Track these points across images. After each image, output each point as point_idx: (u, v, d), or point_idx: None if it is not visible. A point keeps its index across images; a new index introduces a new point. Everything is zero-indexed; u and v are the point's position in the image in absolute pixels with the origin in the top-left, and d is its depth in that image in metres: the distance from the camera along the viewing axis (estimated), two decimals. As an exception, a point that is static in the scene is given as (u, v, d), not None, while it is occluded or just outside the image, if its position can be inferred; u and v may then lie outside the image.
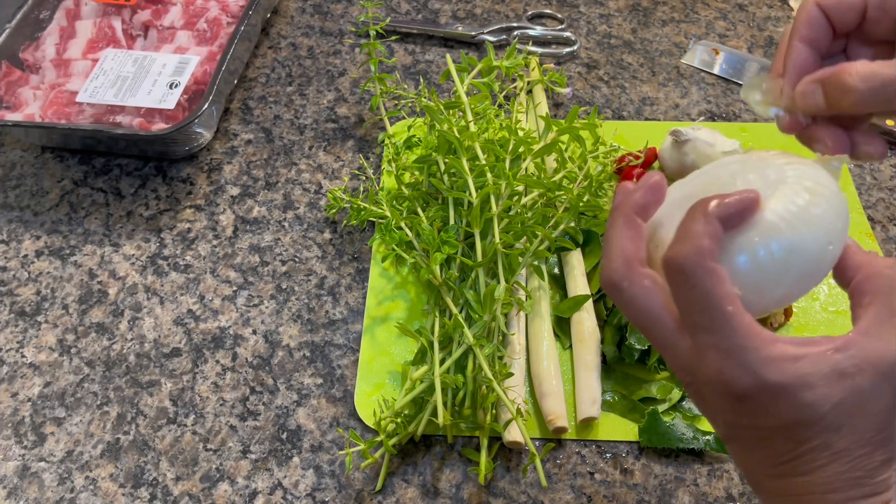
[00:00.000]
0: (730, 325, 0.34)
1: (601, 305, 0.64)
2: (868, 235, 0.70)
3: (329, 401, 0.62)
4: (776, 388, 0.33)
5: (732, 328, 0.34)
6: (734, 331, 0.34)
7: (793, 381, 0.33)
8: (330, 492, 0.57)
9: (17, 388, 0.63)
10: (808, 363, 0.33)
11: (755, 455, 0.37)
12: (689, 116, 0.81)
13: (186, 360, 0.64)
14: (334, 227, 0.73)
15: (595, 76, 0.85)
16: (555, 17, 0.92)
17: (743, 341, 0.34)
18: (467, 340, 0.55)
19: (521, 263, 0.61)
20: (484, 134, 0.69)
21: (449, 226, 0.63)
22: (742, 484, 0.56)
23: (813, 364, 0.33)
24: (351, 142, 0.80)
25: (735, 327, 0.34)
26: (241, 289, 0.68)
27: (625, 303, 0.37)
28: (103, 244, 0.72)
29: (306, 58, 0.88)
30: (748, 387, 0.34)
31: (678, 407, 0.60)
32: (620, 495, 0.56)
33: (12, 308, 0.68)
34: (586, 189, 0.66)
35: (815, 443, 0.34)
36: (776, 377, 0.33)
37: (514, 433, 0.56)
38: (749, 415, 0.35)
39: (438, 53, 0.88)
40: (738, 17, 0.92)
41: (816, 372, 0.33)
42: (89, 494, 0.57)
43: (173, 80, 0.75)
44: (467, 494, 0.56)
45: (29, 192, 0.76)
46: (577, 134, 0.65)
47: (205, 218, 0.74)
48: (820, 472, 0.35)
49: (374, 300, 0.67)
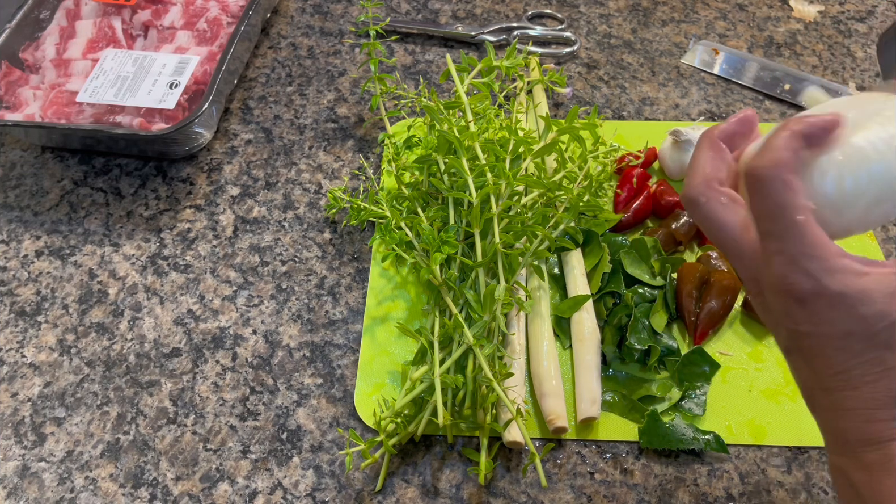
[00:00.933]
0: (798, 233, 0.36)
1: (601, 305, 0.64)
2: (868, 236, 0.70)
3: (329, 401, 0.62)
4: (835, 297, 0.36)
5: (800, 236, 0.36)
6: (801, 239, 0.36)
7: (853, 292, 0.35)
8: (330, 492, 0.57)
9: (17, 388, 0.63)
10: (871, 280, 0.35)
11: (812, 365, 0.39)
12: (689, 116, 0.81)
13: (186, 360, 0.64)
14: (334, 227, 0.73)
15: (595, 76, 0.85)
16: (555, 17, 0.92)
17: (809, 249, 0.36)
18: (467, 340, 0.55)
19: (521, 263, 0.61)
20: (484, 134, 0.69)
21: (449, 226, 0.63)
22: (742, 484, 0.56)
23: (875, 282, 0.35)
24: (351, 142, 0.80)
25: (803, 235, 0.36)
26: (241, 289, 0.68)
27: (701, 218, 0.40)
28: (103, 244, 0.72)
29: (306, 58, 0.88)
30: (809, 292, 0.36)
31: (678, 407, 0.60)
32: (620, 495, 0.56)
33: (12, 308, 0.68)
34: (586, 189, 0.66)
35: (868, 356, 0.36)
36: (837, 286, 0.36)
37: (514, 433, 0.56)
38: (807, 321, 0.37)
39: (438, 53, 0.88)
40: (738, 17, 0.92)
41: (876, 289, 0.35)
42: (89, 494, 0.57)
43: (173, 80, 0.75)
44: (467, 494, 0.56)
45: (29, 192, 0.76)
46: (577, 134, 0.65)
47: (205, 218, 0.74)
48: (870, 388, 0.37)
49: (374, 300, 0.67)
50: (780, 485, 0.56)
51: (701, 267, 0.64)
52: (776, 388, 0.61)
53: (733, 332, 0.64)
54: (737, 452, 0.58)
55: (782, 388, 0.61)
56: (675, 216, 0.68)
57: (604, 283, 0.64)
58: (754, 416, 0.59)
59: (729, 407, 0.60)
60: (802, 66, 0.86)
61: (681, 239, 0.67)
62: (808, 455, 0.58)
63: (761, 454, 0.58)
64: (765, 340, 0.63)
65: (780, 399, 0.60)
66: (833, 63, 0.86)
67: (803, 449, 0.58)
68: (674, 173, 0.73)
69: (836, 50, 0.88)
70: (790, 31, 0.90)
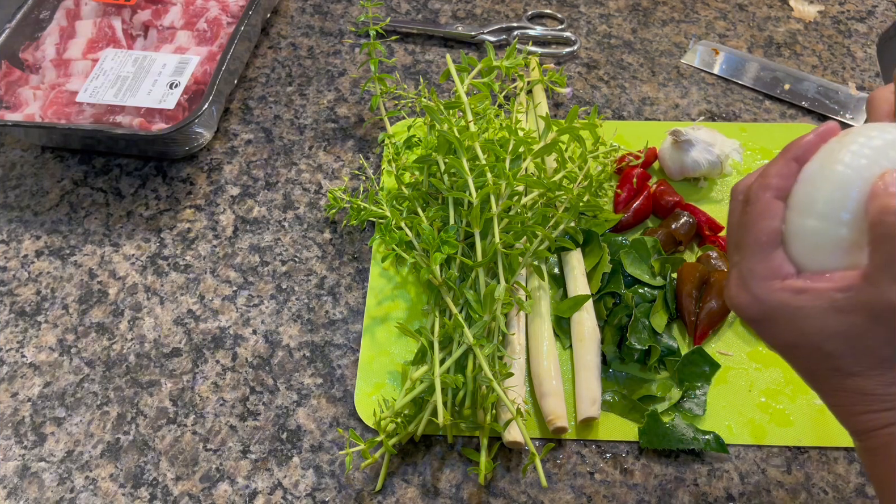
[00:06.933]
0: (756, 251, 0.39)
1: (601, 305, 0.64)
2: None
3: (329, 401, 0.62)
4: (774, 314, 0.38)
5: (756, 254, 0.39)
6: (756, 256, 0.39)
7: (789, 310, 0.38)
8: (330, 492, 0.57)
9: (17, 388, 0.63)
10: (807, 297, 0.37)
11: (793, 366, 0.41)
12: (689, 116, 0.81)
13: (186, 360, 0.64)
14: (334, 227, 0.73)
15: (595, 76, 0.85)
16: (555, 17, 0.92)
17: (757, 267, 0.39)
18: (467, 340, 0.55)
19: (521, 263, 0.61)
20: (484, 134, 0.69)
21: (449, 226, 0.63)
22: (742, 484, 0.56)
23: (812, 299, 0.37)
24: (351, 142, 0.80)
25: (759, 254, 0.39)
26: (241, 289, 0.68)
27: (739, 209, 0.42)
28: (103, 244, 0.72)
29: (306, 58, 0.88)
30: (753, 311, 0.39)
31: (678, 407, 0.60)
32: (620, 495, 0.56)
33: (12, 308, 0.68)
34: (586, 189, 0.66)
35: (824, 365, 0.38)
36: (774, 304, 0.38)
37: (514, 433, 0.56)
38: (762, 334, 0.40)
39: (438, 53, 0.88)
40: (738, 17, 0.92)
41: (812, 305, 0.37)
42: (89, 494, 0.57)
43: (173, 80, 0.75)
44: (467, 494, 0.56)
45: (29, 192, 0.76)
46: (577, 134, 0.65)
47: (205, 218, 0.74)
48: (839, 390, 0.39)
49: (374, 300, 0.67)
50: (780, 485, 0.56)
51: (701, 267, 0.64)
52: (776, 388, 0.61)
53: (733, 332, 0.64)
54: (737, 452, 0.58)
55: (782, 388, 0.61)
56: (675, 216, 0.68)
57: (604, 283, 0.64)
58: (754, 416, 0.59)
59: (729, 407, 0.60)
60: (802, 66, 0.86)
61: (681, 239, 0.67)
62: (808, 455, 0.58)
63: (761, 454, 0.58)
64: (765, 340, 0.63)
65: (780, 399, 0.60)
66: (833, 63, 0.86)
67: (803, 449, 0.58)
68: (674, 173, 0.73)
69: (836, 50, 0.88)
70: (790, 31, 0.90)
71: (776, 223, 0.39)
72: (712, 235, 0.69)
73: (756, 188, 0.39)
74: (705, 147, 0.71)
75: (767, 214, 0.39)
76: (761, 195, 0.39)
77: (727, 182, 0.74)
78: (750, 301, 0.39)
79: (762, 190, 0.39)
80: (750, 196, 0.40)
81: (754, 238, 0.39)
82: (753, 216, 0.39)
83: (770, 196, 0.39)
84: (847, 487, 0.56)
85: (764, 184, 0.39)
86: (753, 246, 0.39)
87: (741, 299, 0.39)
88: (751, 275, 0.39)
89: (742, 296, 0.39)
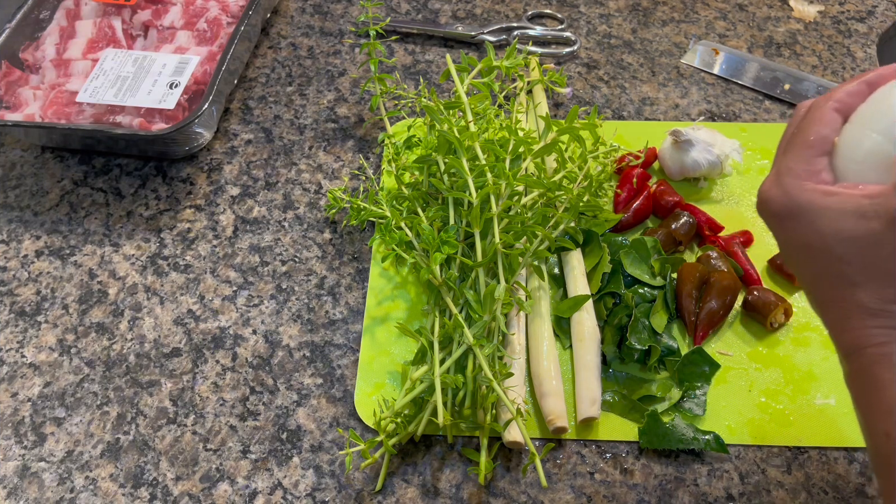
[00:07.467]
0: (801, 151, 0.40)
1: (601, 305, 0.64)
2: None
3: (329, 401, 0.62)
4: (797, 210, 0.39)
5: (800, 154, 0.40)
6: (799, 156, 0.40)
7: (814, 208, 0.39)
8: (330, 492, 0.57)
9: (17, 388, 0.63)
10: (834, 200, 0.38)
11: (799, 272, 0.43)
12: (689, 116, 0.81)
13: (186, 360, 0.64)
14: (334, 227, 0.73)
15: (595, 76, 0.85)
16: (555, 17, 0.92)
17: (797, 167, 0.40)
18: (467, 340, 0.55)
19: (521, 263, 0.61)
20: (484, 134, 0.69)
21: (449, 226, 0.63)
22: (742, 484, 0.56)
23: (838, 202, 0.38)
24: (351, 142, 0.80)
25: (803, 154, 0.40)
26: (241, 289, 0.68)
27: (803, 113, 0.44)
28: (103, 244, 0.72)
29: (306, 58, 0.88)
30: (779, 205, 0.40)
31: (678, 407, 0.60)
32: (620, 495, 0.56)
33: (12, 308, 0.68)
34: (586, 189, 0.66)
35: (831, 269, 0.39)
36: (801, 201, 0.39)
37: (514, 433, 0.56)
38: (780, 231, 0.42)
39: (438, 53, 0.88)
40: (738, 17, 0.92)
41: (837, 208, 0.38)
42: (89, 494, 0.57)
43: (173, 80, 0.75)
44: (467, 494, 0.56)
45: (29, 192, 0.76)
46: (577, 134, 0.65)
47: (205, 218, 0.74)
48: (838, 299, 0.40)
49: (374, 300, 0.67)
50: (780, 485, 0.56)
51: (701, 267, 0.64)
52: (776, 388, 0.61)
53: (733, 332, 0.64)
54: (737, 452, 0.58)
55: (782, 388, 0.61)
56: (675, 216, 0.68)
57: (604, 283, 0.64)
58: (754, 416, 0.59)
59: (729, 407, 0.60)
60: (802, 66, 0.86)
61: (681, 239, 0.67)
62: (808, 455, 0.58)
63: (761, 454, 0.58)
64: (765, 340, 0.64)
65: (781, 399, 0.60)
66: (833, 63, 0.86)
67: (803, 449, 0.58)
68: (674, 173, 0.73)
69: (836, 50, 0.88)
70: (790, 31, 0.90)
71: (828, 131, 0.40)
72: (712, 235, 0.69)
73: (821, 99, 0.41)
74: (705, 147, 0.71)
75: (823, 122, 0.40)
76: (823, 104, 0.41)
77: (727, 182, 0.74)
78: (779, 195, 0.40)
79: (826, 100, 0.41)
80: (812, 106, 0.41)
81: (803, 139, 0.40)
82: (809, 121, 0.41)
83: (832, 106, 0.40)
84: (847, 487, 0.56)
85: (830, 96, 0.41)
86: (800, 146, 0.40)
87: (771, 192, 0.41)
88: (788, 172, 0.40)
89: (773, 190, 0.41)
